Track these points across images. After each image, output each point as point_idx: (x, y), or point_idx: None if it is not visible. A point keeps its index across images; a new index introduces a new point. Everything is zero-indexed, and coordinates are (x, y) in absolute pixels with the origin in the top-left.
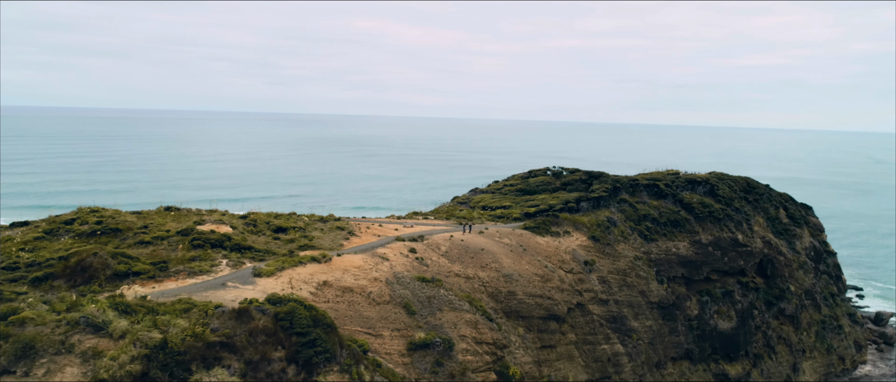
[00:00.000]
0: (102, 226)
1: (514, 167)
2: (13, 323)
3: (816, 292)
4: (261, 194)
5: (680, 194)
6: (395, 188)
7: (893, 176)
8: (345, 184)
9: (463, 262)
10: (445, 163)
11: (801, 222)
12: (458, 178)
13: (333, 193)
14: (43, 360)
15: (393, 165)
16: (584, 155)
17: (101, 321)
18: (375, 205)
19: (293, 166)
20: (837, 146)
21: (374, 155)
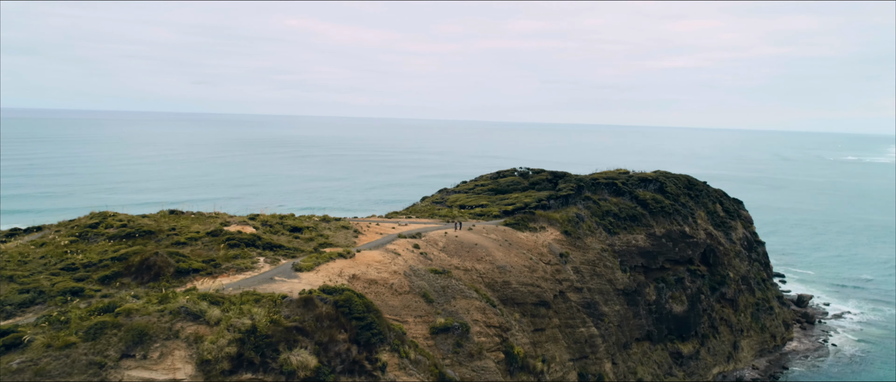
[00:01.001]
0: (133, 229)
1: (452, 167)
2: (121, 314)
3: (750, 277)
4: (203, 197)
5: (635, 192)
6: (338, 189)
7: (800, 172)
8: (287, 185)
9: (460, 256)
10: (382, 163)
11: (734, 215)
12: (398, 178)
13: (278, 194)
14: (156, 345)
15: (329, 165)
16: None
17: (198, 310)
18: (325, 205)
19: (229, 168)
20: (748, 144)
21: (308, 156)
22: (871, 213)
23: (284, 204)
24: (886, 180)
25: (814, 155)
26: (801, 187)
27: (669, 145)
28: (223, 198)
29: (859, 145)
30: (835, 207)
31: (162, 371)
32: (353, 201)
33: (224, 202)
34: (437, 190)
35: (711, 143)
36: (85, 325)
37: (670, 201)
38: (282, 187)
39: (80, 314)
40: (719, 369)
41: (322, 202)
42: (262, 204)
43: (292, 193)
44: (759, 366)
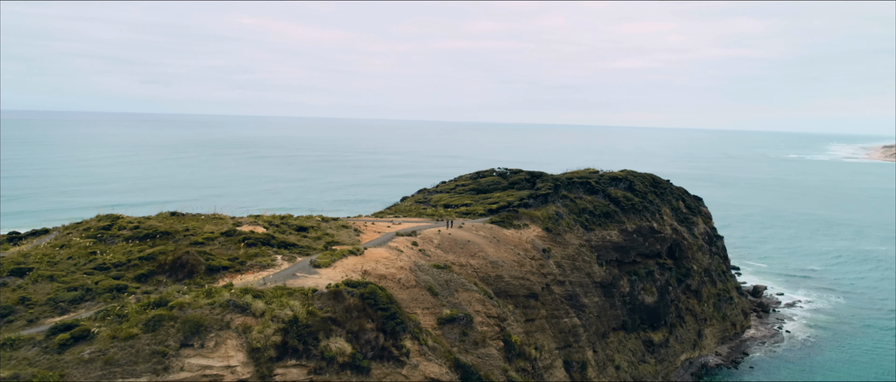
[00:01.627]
0: (147, 230)
1: (414, 167)
2: (175, 307)
3: (712, 270)
4: (164, 199)
5: (607, 190)
6: (303, 189)
7: (746, 169)
8: (249, 186)
9: (455, 252)
10: (343, 164)
11: (695, 211)
12: (361, 178)
13: (241, 195)
14: (211, 335)
15: (289, 166)
16: (480, 154)
17: (244, 303)
18: (293, 206)
19: (188, 170)
20: (696, 143)
21: (266, 157)
22: (814, 208)
23: (251, 205)
24: (827, 177)
25: (758, 153)
26: (747, 184)
27: (623, 144)
28: (185, 199)
29: (801, 144)
30: (780, 202)
31: (217, 358)
32: (321, 201)
33: (189, 204)
34: (404, 190)
35: (662, 142)
36: (143, 318)
37: (639, 198)
38: (244, 187)
39: (135, 308)
40: (686, 356)
41: (289, 203)
42: (229, 205)
43: (257, 193)
44: (721, 352)
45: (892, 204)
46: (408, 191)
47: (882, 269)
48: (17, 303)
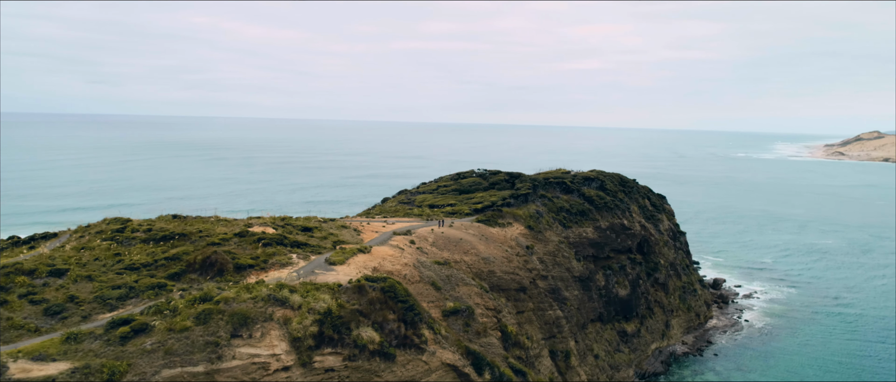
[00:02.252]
0: (163, 232)
1: (374, 167)
2: (221, 302)
3: (677, 264)
4: (127, 202)
5: (582, 190)
6: (270, 190)
7: (697, 168)
8: (210, 188)
9: (449, 249)
10: (303, 165)
11: (660, 209)
12: (323, 179)
13: (204, 197)
14: (257, 326)
15: (248, 167)
16: (440, 154)
17: (282, 297)
18: (263, 207)
19: (145, 172)
20: (649, 143)
21: (224, 158)
22: (762, 204)
23: (220, 207)
24: (773, 175)
25: (708, 153)
26: (699, 182)
27: (579, 145)
28: (148, 202)
29: (748, 143)
30: (730, 199)
31: (264, 347)
32: (290, 202)
33: (156, 206)
34: (370, 190)
35: (617, 142)
36: (193, 312)
37: (610, 197)
38: (207, 190)
39: (182, 303)
40: (656, 345)
41: (257, 205)
42: (195, 208)
43: (222, 195)
44: (687, 341)
45: (833, 200)
46: (374, 191)
47: (826, 260)
48: (66, 301)
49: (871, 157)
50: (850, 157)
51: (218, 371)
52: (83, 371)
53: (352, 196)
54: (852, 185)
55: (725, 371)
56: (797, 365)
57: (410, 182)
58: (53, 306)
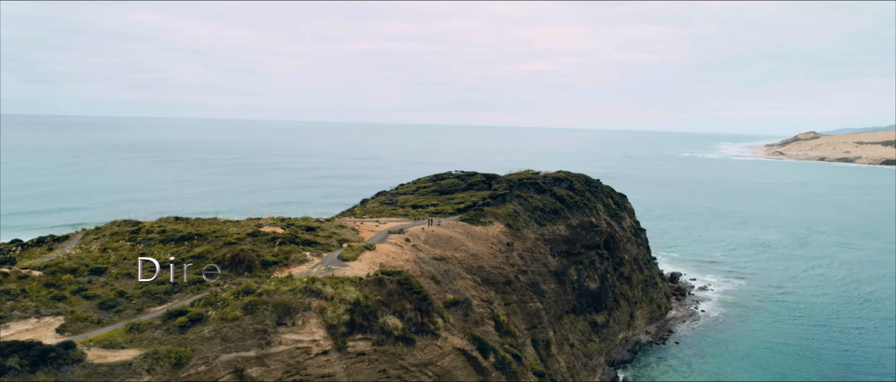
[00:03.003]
0: (179, 234)
1: (331, 168)
2: (263, 294)
3: (639, 259)
4: (80, 205)
5: (553, 189)
6: (231, 192)
7: (645, 167)
8: (170, 190)
9: (441, 247)
10: (261, 166)
11: (622, 207)
12: (283, 180)
13: (162, 199)
14: (298, 315)
15: (202, 169)
16: (396, 155)
17: (317, 289)
18: (225, 209)
19: (95, 175)
20: (599, 143)
21: (175, 160)
22: (710, 201)
23: (184, 209)
24: (719, 174)
25: (655, 152)
26: (648, 181)
27: (531, 145)
28: (107, 204)
29: (693, 143)
30: (678, 197)
31: (305, 334)
32: (255, 203)
33: (112, 209)
34: (331, 191)
35: (568, 142)
36: (240, 303)
37: (579, 196)
38: (163, 192)
39: (229, 296)
40: (623, 335)
41: (223, 206)
42: (156, 210)
43: (181, 198)
44: (650, 331)
45: (774, 197)
46: (336, 192)
47: (769, 253)
48: (117, 296)
49: (808, 156)
50: (789, 156)
51: (267, 355)
52: (153, 356)
53: (315, 197)
54: (791, 183)
55: (686, 358)
56: (750, 349)
57: (369, 183)
58: (107, 301)
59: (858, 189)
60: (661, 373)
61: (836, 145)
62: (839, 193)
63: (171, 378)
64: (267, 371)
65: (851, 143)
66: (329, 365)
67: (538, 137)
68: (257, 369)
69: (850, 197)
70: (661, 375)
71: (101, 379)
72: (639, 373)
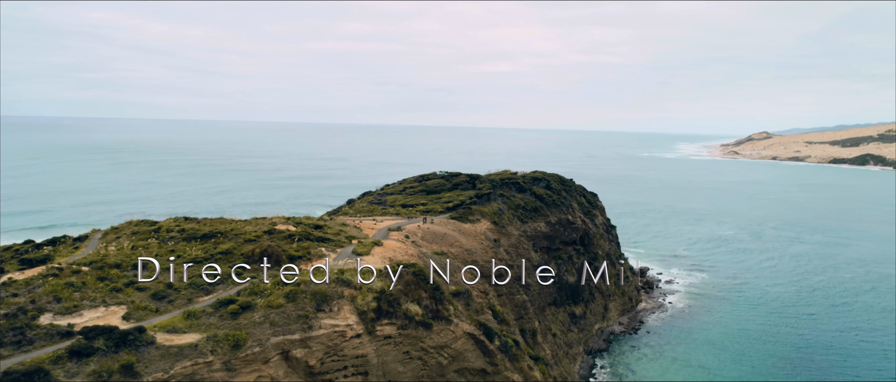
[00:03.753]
0: (197, 232)
1: (296, 169)
2: (301, 284)
3: (611, 254)
4: (47, 207)
5: (533, 189)
6: (196, 193)
7: (604, 167)
8: (135, 192)
9: (437, 242)
10: (222, 168)
11: (594, 205)
12: (251, 181)
13: (136, 200)
14: (334, 302)
15: (166, 170)
16: (359, 155)
17: (347, 279)
18: (207, 209)
19: (56, 177)
20: (561, 144)
21: (134, 162)
22: (670, 199)
23: (153, 211)
24: (677, 173)
25: (615, 152)
26: (610, 181)
27: (494, 146)
28: (76, 206)
29: (652, 143)
30: (639, 195)
31: (340, 319)
32: (229, 203)
33: (84, 211)
34: (300, 191)
35: (530, 142)
36: (281, 292)
37: (556, 195)
38: (131, 194)
39: (270, 285)
40: (599, 325)
41: (191, 207)
42: (127, 211)
43: (150, 199)
44: (623, 322)
45: (730, 195)
46: (304, 193)
47: (727, 248)
48: (166, 288)
49: (762, 155)
50: (744, 155)
51: (309, 338)
52: (214, 339)
53: (285, 197)
54: (745, 181)
55: (657, 346)
56: (714, 337)
57: (338, 183)
58: (158, 292)
59: (808, 187)
60: (635, 360)
61: (787, 144)
62: (790, 190)
63: (231, 358)
64: (310, 353)
65: (801, 143)
66: (361, 347)
67: (501, 138)
68: (301, 350)
69: (800, 194)
70: (635, 362)
71: (173, 360)
72: (615, 361)
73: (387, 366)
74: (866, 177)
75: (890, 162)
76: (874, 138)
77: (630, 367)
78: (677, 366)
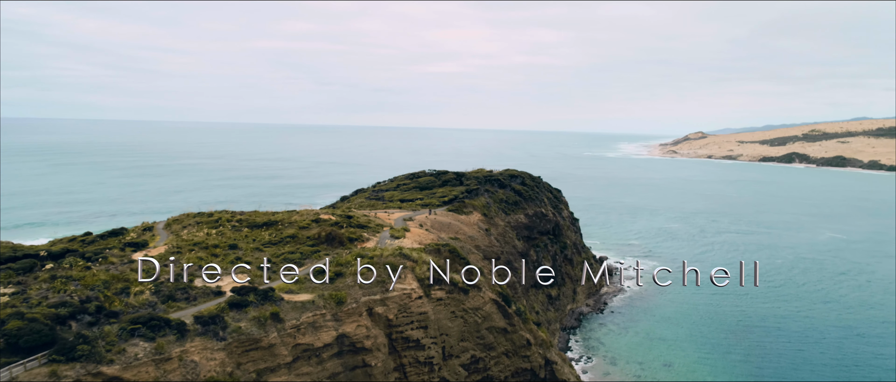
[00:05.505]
0: (254, 221)
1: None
2: (374, 257)
3: (577, 243)
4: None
5: (512, 185)
6: (149, 193)
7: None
8: (91, 192)
9: (444, 230)
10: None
11: (559, 200)
12: (202, 181)
13: (92, 201)
14: (400, 271)
15: (108, 172)
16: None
17: (406, 253)
18: (163, 208)
19: None
20: (505, 143)
21: (72, 164)
22: (619, 196)
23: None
24: (621, 171)
25: (557, 152)
26: (557, 180)
27: (439, 146)
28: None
29: (595, 143)
30: (591, 192)
31: (406, 284)
32: (187, 202)
33: (53, 211)
34: (254, 191)
35: (475, 142)
36: (363, 264)
37: (531, 190)
38: (85, 195)
39: (350, 258)
40: (570, 307)
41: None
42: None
43: (108, 200)
44: (590, 304)
45: (672, 191)
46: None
47: (674, 238)
48: (267, 262)
49: (698, 154)
50: (682, 154)
51: (387, 298)
52: (322, 297)
53: (240, 196)
54: (685, 178)
55: (622, 323)
56: (669, 313)
57: (290, 182)
58: (260, 264)
59: (741, 183)
60: (603, 335)
61: (721, 144)
62: (725, 186)
63: (338, 312)
64: (387, 309)
65: (734, 142)
66: (422, 306)
67: (447, 138)
68: (381, 308)
69: (734, 190)
70: (604, 337)
71: (300, 311)
72: (587, 336)
73: (440, 322)
74: (792, 174)
75: (813, 160)
76: (799, 138)
77: (600, 341)
78: (640, 339)
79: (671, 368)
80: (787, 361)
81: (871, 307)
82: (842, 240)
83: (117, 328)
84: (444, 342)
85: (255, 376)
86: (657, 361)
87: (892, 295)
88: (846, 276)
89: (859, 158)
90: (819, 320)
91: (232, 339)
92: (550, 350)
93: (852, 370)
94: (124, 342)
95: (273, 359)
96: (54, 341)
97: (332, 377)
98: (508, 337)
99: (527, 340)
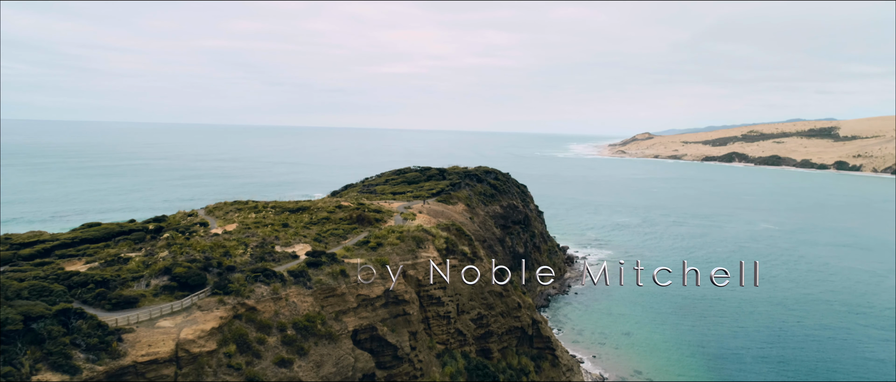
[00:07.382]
0: (289, 207)
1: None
2: (404, 232)
3: (544, 234)
4: None
5: (487, 180)
6: (107, 192)
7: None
8: (43, 191)
9: (438, 217)
10: (117, 169)
11: (526, 194)
12: (155, 180)
13: (49, 200)
14: (425, 242)
15: (50, 172)
16: (254, 155)
17: (427, 229)
18: (123, 206)
19: None
20: (456, 144)
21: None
22: (573, 193)
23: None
24: (573, 170)
25: (508, 152)
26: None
27: (391, 146)
28: None
29: (547, 143)
30: (546, 190)
31: (429, 253)
32: (145, 201)
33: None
34: (211, 190)
35: (426, 143)
36: (393, 237)
37: (503, 184)
38: (38, 194)
39: (384, 232)
40: (540, 288)
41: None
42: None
43: (66, 199)
44: (556, 287)
45: (623, 188)
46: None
47: (626, 231)
48: (320, 235)
49: (645, 154)
50: (630, 154)
51: (416, 263)
52: (371, 260)
53: (202, 194)
54: (634, 177)
55: (586, 302)
56: (626, 294)
57: (247, 181)
58: (317, 236)
59: (686, 181)
60: (570, 312)
61: (667, 144)
62: (671, 184)
63: (383, 273)
64: (417, 272)
65: (679, 142)
66: (442, 270)
67: (399, 139)
68: (412, 271)
69: (679, 187)
70: (570, 314)
71: (355, 272)
72: (555, 314)
73: (455, 284)
74: (732, 172)
75: (751, 159)
76: (738, 138)
77: (568, 317)
78: (601, 315)
79: (630, 336)
80: (726, 329)
81: (797, 285)
82: (774, 230)
83: (243, 277)
84: (458, 300)
85: (335, 315)
86: (617, 331)
87: (815, 274)
88: (777, 259)
89: (793, 157)
90: (753, 292)
91: (316, 288)
92: (535, 312)
93: (780, 335)
94: (251, 284)
95: (345, 304)
96: (204, 283)
97: (384, 321)
98: (503, 300)
99: (517, 303)
